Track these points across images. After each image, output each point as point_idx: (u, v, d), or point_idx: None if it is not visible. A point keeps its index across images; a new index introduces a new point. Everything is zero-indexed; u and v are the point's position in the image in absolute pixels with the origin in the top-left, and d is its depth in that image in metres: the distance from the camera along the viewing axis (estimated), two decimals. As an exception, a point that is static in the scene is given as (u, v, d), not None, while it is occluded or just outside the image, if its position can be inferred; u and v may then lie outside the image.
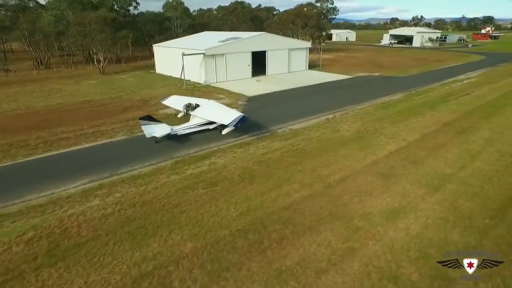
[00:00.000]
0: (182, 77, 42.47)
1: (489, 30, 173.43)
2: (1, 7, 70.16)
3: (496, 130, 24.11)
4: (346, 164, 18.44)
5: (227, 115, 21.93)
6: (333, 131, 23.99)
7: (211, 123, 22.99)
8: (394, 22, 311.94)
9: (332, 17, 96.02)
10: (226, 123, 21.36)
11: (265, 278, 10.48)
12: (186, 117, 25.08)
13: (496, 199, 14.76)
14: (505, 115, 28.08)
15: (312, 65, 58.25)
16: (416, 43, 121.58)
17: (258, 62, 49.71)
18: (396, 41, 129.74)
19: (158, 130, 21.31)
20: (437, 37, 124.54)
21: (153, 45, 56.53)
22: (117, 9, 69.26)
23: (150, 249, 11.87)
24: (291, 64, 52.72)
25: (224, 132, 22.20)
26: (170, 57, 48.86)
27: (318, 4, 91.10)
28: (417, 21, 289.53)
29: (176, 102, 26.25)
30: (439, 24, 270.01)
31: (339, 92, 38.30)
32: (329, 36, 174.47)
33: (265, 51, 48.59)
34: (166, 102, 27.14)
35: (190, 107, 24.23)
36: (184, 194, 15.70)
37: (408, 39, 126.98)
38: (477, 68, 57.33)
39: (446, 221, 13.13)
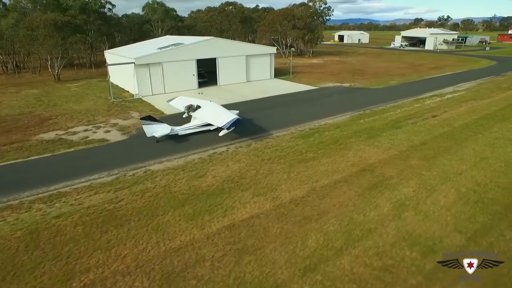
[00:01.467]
0: (112, 89, 37.32)
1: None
2: None
3: (428, 184, 16.48)
4: (139, 248, 11.92)
5: (222, 118, 21.99)
6: (193, 178, 17.39)
7: (210, 124, 23.11)
8: (419, 23, 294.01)
9: (327, 18, 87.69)
10: (221, 126, 21.42)
11: None
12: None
13: None
14: (460, 154, 20.06)
15: (286, 73, 51.37)
16: (428, 45, 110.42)
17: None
18: (408, 43, 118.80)
19: (159, 130, 21.72)
20: (453, 39, 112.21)
21: (104, 51, 51.83)
22: (87, 11, 65.08)
23: None
24: (250, 73, 45.98)
25: (220, 134, 21.89)
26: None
27: (311, 4, 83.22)
28: (443, 22, 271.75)
29: (181, 104, 26.52)
30: (466, 24, 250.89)
31: (277, 110, 31.27)
32: (341, 38, 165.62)
33: (215, 58, 42.39)
34: (173, 103, 27.48)
35: (191, 108, 24.66)
36: None
37: (422, 41, 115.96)
38: (476, 78, 47.80)
39: None
